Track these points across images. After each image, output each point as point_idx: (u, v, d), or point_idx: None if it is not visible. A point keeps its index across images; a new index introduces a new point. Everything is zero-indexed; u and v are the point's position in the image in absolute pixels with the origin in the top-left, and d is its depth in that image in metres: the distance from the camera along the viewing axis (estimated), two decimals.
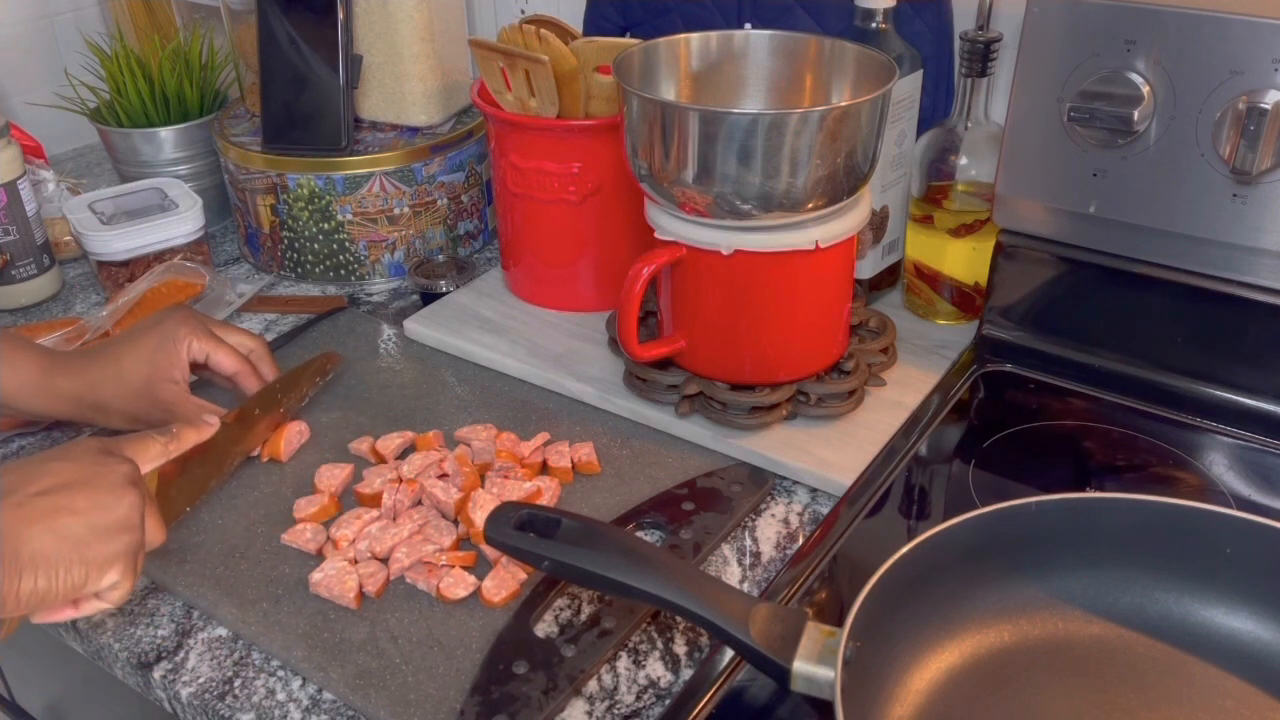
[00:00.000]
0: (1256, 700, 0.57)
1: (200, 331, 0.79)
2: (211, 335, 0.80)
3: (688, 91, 0.84)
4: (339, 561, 0.68)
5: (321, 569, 0.68)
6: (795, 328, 0.78)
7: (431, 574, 0.68)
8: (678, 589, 0.56)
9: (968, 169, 0.87)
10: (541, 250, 0.95)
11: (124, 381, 0.76)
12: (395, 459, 0.78)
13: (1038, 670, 0.59)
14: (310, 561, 0.70)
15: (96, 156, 1.38)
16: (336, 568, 0.68)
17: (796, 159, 0.70)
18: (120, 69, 1.13)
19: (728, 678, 0.60)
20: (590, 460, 0.77)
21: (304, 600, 0.67)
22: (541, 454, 0.78)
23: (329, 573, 0.67)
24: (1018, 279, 0.86)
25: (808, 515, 0.74)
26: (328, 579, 0.67)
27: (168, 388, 0.77)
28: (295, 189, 1.01)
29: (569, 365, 0.88)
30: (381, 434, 0.81)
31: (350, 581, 0.67)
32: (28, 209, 1.00)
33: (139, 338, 0.78)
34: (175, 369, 0.77)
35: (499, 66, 0.89)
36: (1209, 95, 0.71)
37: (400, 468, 0.76)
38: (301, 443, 0.81)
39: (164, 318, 0.79)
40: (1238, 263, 0.76)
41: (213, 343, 0.79)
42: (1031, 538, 0.61)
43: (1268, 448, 0.76)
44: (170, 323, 0.79)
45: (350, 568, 0.68)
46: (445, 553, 0.69)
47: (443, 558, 0.69)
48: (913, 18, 0.93)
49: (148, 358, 0.77)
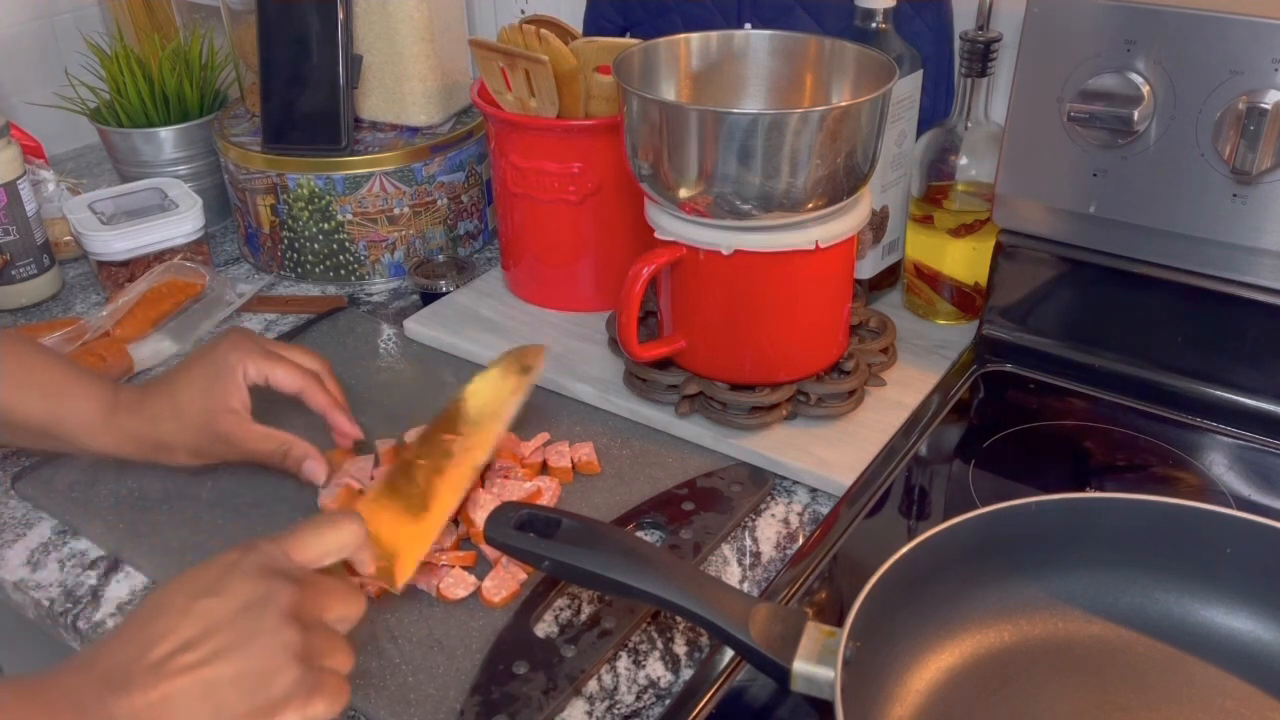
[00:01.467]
0: (1256, 700, 0.57)
1: (255, 353, 0.75)
2: (269, 355, 0.75)
3: (688, 91, 0.84)
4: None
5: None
6: (795, 328, 0.78)
7: (432, 574, 0.68)
8: (678, 589, 0.56)
9: (968, 169, 0.87)
10: (541, 250, 0.95)
11: (182, 416, 0.73)
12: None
13: (1038, 670, 0.59)
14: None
15: (96, 156, 1.38)
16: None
17: (796, 159, 0.70)
18: (120, 69, 1.13)
19: (728, 678, 0.60)
20: (590, 460, 0.77)
21: None
22: (541, 454, 0.78)
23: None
24: (1018, 279, 0.86)
25: (808, 515, 0.74)
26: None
27: (227, 419, 0.73)
28: (295, 189, 1.01)
29: (569, 365, 0.88)
30: (381, 434, 0.81)
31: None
32: (28, 209, 1.00)
33: (194, 368, 0.74)
34: (233, 398, 0.73)
35: (499, 66, 0.89)
36: (1209, 95, 0.71)
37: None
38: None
39: (218, 343, 0.75)
40: (1238, 263, 0.76)
41: (270, 362, 0.75)
42: (1031, 538, 0.61)
43: (1268, 448, 0.76)
44: (223, 347, 0.75)
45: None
46: (445, 553, 0.69)
47: (443, 558, 0.69)
48: (913, 18, 0.93)
49: (204, 389, 0.73)
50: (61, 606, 0.69)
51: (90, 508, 0.76)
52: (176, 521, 0.74)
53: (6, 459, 0.82)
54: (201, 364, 0.74)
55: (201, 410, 0.73)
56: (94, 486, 0.78)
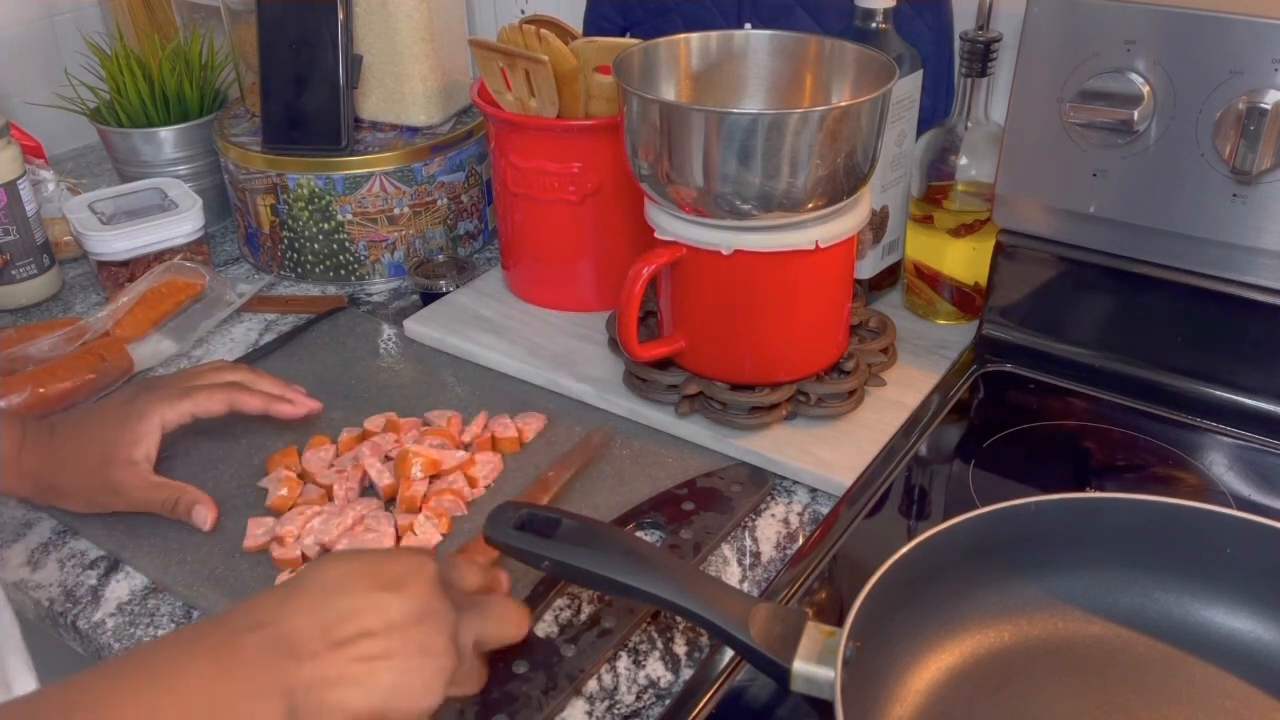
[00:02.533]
0: (1256, 700, 0.57)
1: (170, 397, 0.73)
2: (184, 392, 0.73)
3: (688, 91, 0.84)
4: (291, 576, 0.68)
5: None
6: (795, 328, 0.78)
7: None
8: (678, 589, 0.56)
9: (968, 169, 0.87)
10: (541, 250, 0.95)
11: (80, 460, 0.71)
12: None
13: (1038, 670, 0.59)
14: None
15: (96, 156, 1.38)
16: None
17: (796, 159, 0.70)
18: (120, 69, 1.13)
19: (728, 678, 0.60)
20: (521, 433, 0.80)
21: None
22: (486, 433, 0.80)
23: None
24: (1018, 279, 0.86)
25: (808, 515, 0.74)
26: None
27: (124, 470, 0.70)
28: (295, 189, 1.01)
29: (569, 365, 0.88)
30: (349, 425, 0.82)
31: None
32: (28, 209, 1.00)
33: (105, 411, 0.72)
34: (137, 448, 0.71)
35: (499, 66, 0.89)
36: (1209, 95, 0.71)
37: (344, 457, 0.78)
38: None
39: (137, 391, 0.74)
40: (1238, 263, 0.76)
41: (187, 399, 0.73)
42: (1031, 538, 0.61)
43: (1268, 448, 0.76)
44: (138, 397, 0.73)
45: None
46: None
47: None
48: (913, 18, 0.93)
49: (110, 437, 0.71)
50: (61, 606, 0.69)
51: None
52: (176, 521, 0.74)
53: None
54: (112, 411, 0.73)
55: (101, 458, 0.71)
56: None
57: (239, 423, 0.82)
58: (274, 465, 0.78)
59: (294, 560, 0.69)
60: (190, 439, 0.82)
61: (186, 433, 0.82)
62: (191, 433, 0.82)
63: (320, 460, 0.77)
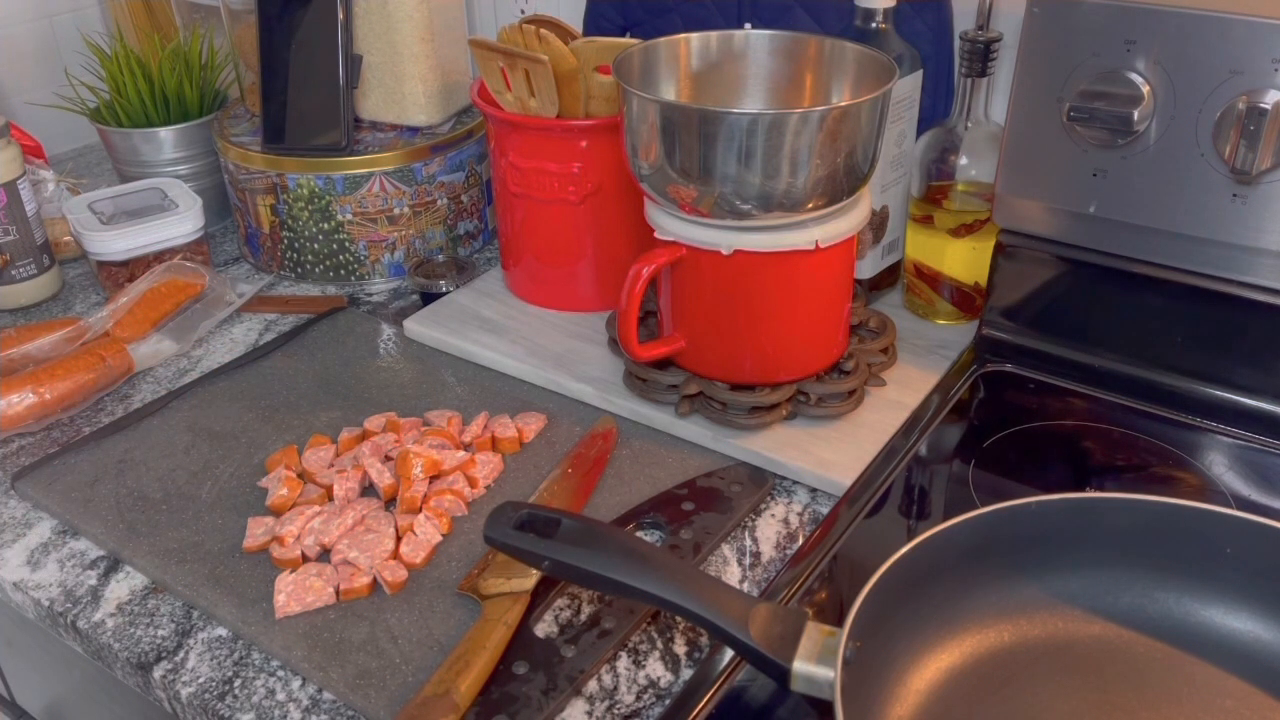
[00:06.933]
0: (1256, 700, 0.57)
1: None
2: None
3: (688, 91, 0.84)
4: (291, 576, 0.68)
5: (280, 589, 0.67)
6: (795, 328, 0.78)
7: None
8: (678, 589, 0.56)
9: (968, 169, 0.87)
10: (541, 250, 0.95)
11: None
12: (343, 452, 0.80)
13: (1038, 670, 0.59)
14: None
15: (96, 156, 1.39)
16: (292, 581, 0.67)
17: (796, 159, 0.71)
18: (120, 69, 1.13)
19: (728, 678, 0.60)
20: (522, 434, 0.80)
21: None
22: (487, 434, 0.81)
23: (288, 591, 0.67)
24: (1018, 279, 0.86)
25: (808, 515, 0.74)
26: (289, 599, 0.67)
27: None
28: (295, 189, 1.01)
29: (569, 365, 0.88)
30: (349, 424, 0.82)
31: (316, 584, 0.67)
32: (28, 209, 1.00)
33: None
34: None
35: (499, 66, 0.89)
36: (1209, 95, 0.71)
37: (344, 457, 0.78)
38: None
39: None
40: (1238, 263, 0.76)
41: None
42: (1031, 538, 0.61)
43: (1268, 448, 0.76)
44: None
45: (312, 572, 0.68)
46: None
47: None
48: (913, 18, 0.93)
49: None
50: (61, 606, 0.69)
51: (90, 508, 0.76)
52: (176, 521, 0.74)
53: (6, 459, 0.82)
54: None
55: None
56: (94, 486, 0.78)
57: (239, 422, 0.82)
58: (274, 465, 0.78)
59: (294, 560, 0.69)
60: (190, 439, 0.82)
61: (187, 432, 0.82)
62: (192, 433, 0.82)
63: (320, 460, 0.77)
